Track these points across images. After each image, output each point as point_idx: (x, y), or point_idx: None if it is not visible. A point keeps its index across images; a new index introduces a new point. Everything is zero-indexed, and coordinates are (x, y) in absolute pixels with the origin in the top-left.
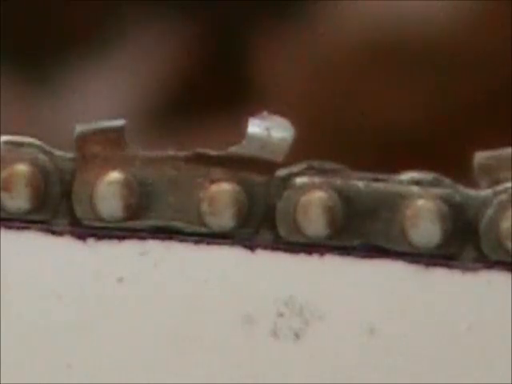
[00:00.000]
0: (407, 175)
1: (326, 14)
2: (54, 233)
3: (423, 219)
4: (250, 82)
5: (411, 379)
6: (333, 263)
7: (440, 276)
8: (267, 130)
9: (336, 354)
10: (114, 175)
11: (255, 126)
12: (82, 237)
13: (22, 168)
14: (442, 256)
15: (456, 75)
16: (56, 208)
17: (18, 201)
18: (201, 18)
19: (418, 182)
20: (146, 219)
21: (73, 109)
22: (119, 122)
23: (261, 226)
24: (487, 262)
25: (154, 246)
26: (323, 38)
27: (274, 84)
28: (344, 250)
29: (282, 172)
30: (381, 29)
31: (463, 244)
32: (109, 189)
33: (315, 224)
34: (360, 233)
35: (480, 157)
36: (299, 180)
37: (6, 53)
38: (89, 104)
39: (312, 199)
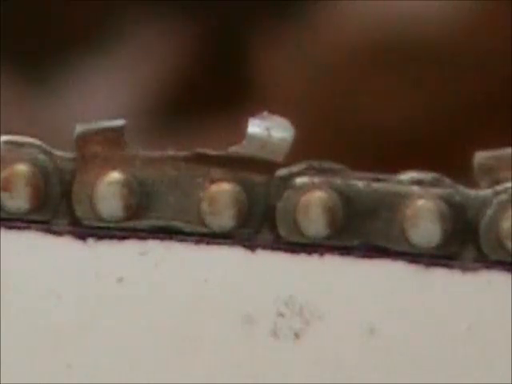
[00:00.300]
0: (407, 175)
1: (326, 14)
2: (54, 233)
3: (423, 219)
4: (250, 82)
5: (411, 379)
6: (333, 263)
7: (440, 276)
8: (267, 129)
9: (336, 354)
10: (114, 175)
11: (255, 126)
12: (82, 237)
13: (22, 168)
14: (442, 256)
15: (456, 75)
16: (56, 208)
17: (18, 201)
18: (201, 18)
19: (418, 182)
20: (146, 219)
21: (73, 109)
22: (119, 122)
23: (261, 225)
24: (487, 261)
25: (154, 246)
26: (323, 38)
27: (274, 84)
28: (344, 250)
29: (281, 172)
30: (381, 29)
31: (463, 244)
32: (109, 189)
33: (315, 224)
34: (360, 233)
35: (480, 157)
36: (299, 180)
37: (6, 53)
38: (89, 104)
39: (312, 199)
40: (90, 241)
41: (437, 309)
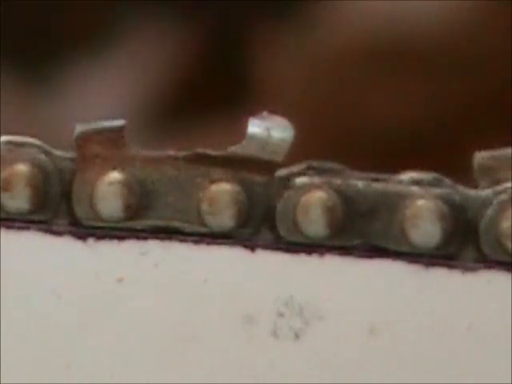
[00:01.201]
0: (407, 175)
1: (326, 14)
2: (54, 233)
3: (423, 219)
4: (250, 82)
5: (411, 379)
6: (333, 263)
7: (440, 276)
8: (267, 130)
9: (336, 354)
10: (114, 175)
11: (255, 126)
12: (82, 237)
13: (22, 168)
14: (442, 256)
15: (456, 75)
16: (56, 208)
17: (18, 201)
18: (201, 18)
19: (418, 182)
20: (146, 219)
21: (73, 109)
22: (119, 122)
23: (261, 225)
24: (487, 261)
25: (154, 246)
26: (323, 38)
27: (274, 84)
28: (344, 250)
29: (282, 172)
30: (381, 29)
31: (463, 244)
32: (109, 189)
33: (315, 224)
34: (360, 233)
35: (480, 157)
36: (299, 180)
37: (6, 53)
38: (89, 104)
39: (312, 199)
40: (90, 241)
41: (437, 309)
